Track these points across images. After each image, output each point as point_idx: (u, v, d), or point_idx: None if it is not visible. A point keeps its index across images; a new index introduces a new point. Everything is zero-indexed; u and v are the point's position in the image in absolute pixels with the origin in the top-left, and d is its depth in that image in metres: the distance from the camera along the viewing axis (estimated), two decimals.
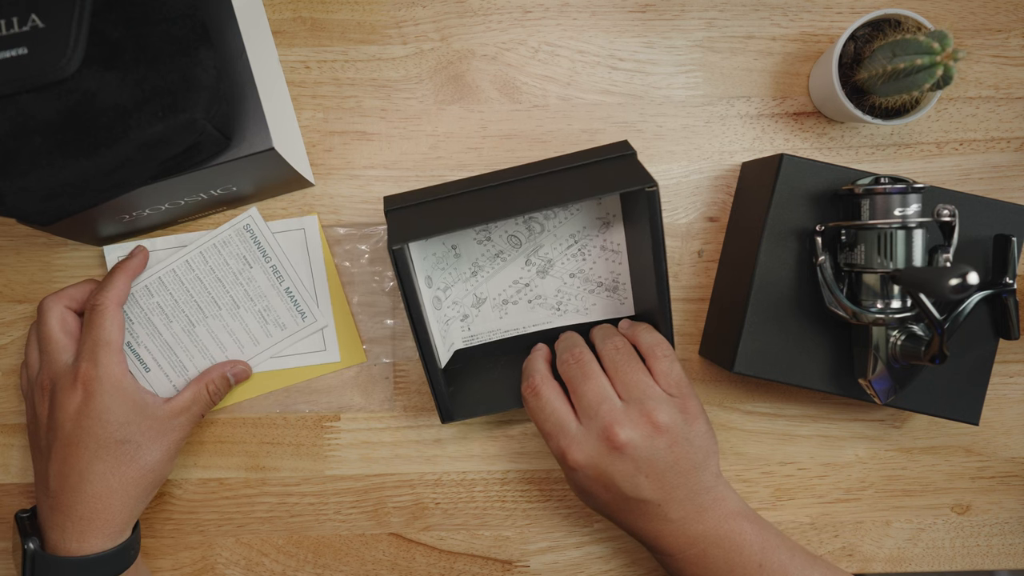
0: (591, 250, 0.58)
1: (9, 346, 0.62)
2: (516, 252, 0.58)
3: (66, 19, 0.45)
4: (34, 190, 0.46)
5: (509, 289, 0.58)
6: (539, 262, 0.58)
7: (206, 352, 0.61)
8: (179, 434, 0.57)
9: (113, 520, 0.53)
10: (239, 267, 0.60)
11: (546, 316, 0.60)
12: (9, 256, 0.62)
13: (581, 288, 0.59)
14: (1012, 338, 0.55)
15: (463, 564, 0.63)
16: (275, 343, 0.62)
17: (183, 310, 0.60)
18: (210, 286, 0.60)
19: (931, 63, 0.50)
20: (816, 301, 0.55)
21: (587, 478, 0.51)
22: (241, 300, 0.60)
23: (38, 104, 0.45)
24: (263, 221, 0.60)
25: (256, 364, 0.62)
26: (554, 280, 0.58)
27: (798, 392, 0.63)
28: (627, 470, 0.50)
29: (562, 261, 0.58)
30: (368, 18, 0.62)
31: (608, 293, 0.59)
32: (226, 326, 0.60)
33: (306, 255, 0.61)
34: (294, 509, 0.63)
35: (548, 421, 0.52)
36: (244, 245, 0.60)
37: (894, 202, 0.51)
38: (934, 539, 0.64)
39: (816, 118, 0.62)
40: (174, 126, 0.46)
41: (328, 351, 0.62)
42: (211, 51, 0.47)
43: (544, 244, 0.58)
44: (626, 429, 0.50)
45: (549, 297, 0.59)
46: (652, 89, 0.62)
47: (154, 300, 0.59)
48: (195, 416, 0.58)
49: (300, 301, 0.61)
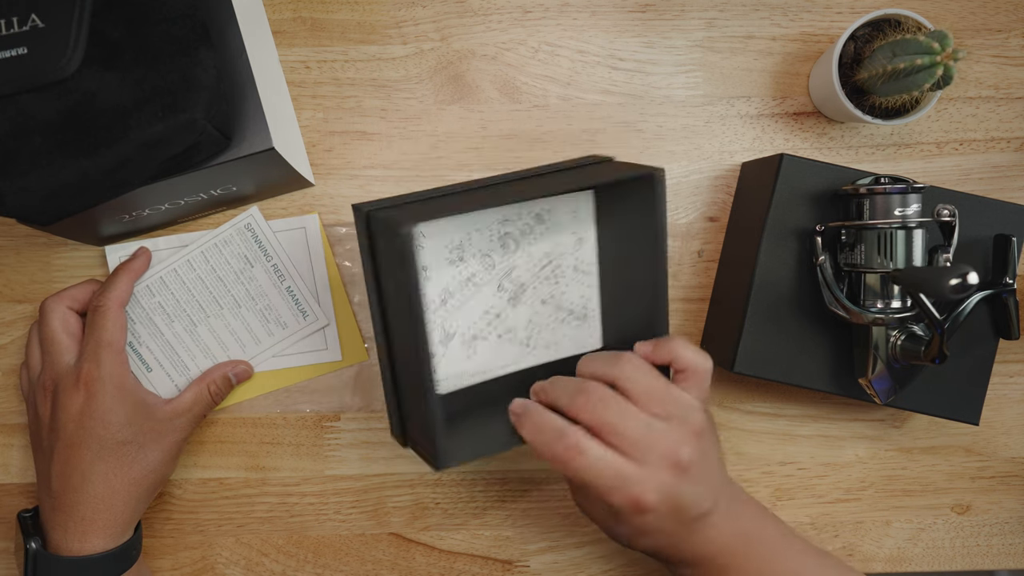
0: (564, 271, 0.54)
1: (9, 346, 0.62)
2: (489, 275, 0.53)
3: (66, 19, 0.45)
4: (34, 190, 0.46)
5: (479, 322, 0.53)
6: (511, 287, 0.53)
7: (208, 352, 0.60)
8: (180, 435, 0.57)
9: (115, 520, 0.53)
10: (240, 266, 0.60)
11: (515, 354, 0.54)
12: (9, 256, 0.62)
13: (551, 318, 0.55)
14: (1012, 338, 0.55)
15: (463, 564, 0.63)
16: (277, 342, 0.61)
17: (185, 310, 0.60)
18: (212, 285, 0.59)
19: (931, 63, 0.50)
20: (816, 301, 0.55)
21: (659, 516, 0.46)
22: (243, 299, 0.60)
23: (38, 104, 0.45)
24: (264, 220, 0.60)
25: (258, 363, 0.62)
26: (525, 309, 0.54)
27: (798, 392, 0.63)
28: (696, 490, 0.47)
29: (535, 285, 0.54)
30: (368, 18, 0.62)
31: (577, 322, 0.55)
32: (228, 325, 0.60)
33: (307, 254, 0.61)
34: (294, 509, 0.63)
35: (604, 475, 0.45)
36: (245, 244, 0.59)
37: (894, 202, 0.51)
38: (934, 539, 0.64)
39: (816, 118, 0.62)
40: (174, 126, 0.46)
41: (330, 350, 0.62)
42: (211, 51, 0.47)
43: (518, 265, 0.53)
44: (685, 448, 0.46)
45: (519, 329, 0.54)
46: (652, 89, 0.62)
47: (156, 300, 0.59)
48: (197, 416, 0.58)
49: (301, 300, 0.61)
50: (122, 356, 0.54)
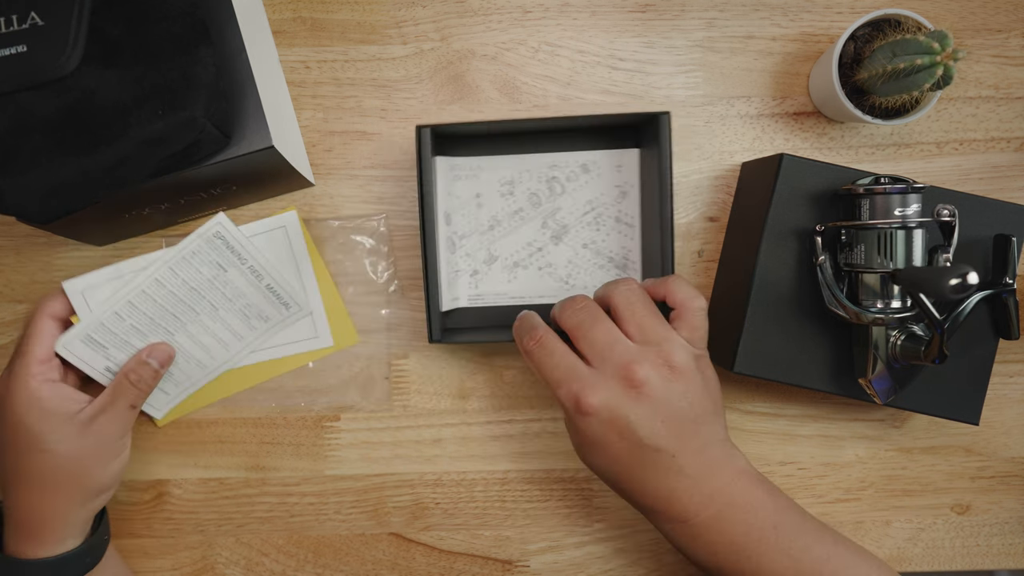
0: (606, 220, 0.60)
1: (9, 346, 0.62)
2: (535, 211, 0.59)
3: (65, 17, 0.45)
4: (34, 188, 0.46)
5: (522, 251, 0.60)
6: (555, 226, 0.60)
7: (190, 357, 0.60)
8: (110, 433, 0.54)
9: (46, 527, 0.52)
10: (213, 273, 0.58)
11: (554, 287, 0.61)
12: (9, 256, 0.62)
13: (591, 262, 0.60)
14: (1012, 338, 0.55)
15: (463, 564, 0.63)
16: (259, 335, 0.61)
17: (160, 324, 0.57)
18: (185, 296, 0.57)
19: (931, 63, 0.50)
20: (816, 301, 0.55)
21: (601, 423, 0.48)
22: (219, 302, 0.59)
23: (38, 102, 0.45)
24: (234, 226, 0.57)
25: (244, 358, 0.62)
26: (567, 248, 0.60)
27: (798, 392, 0.63)
28: (644, 413, 0.47)
29: (577, 228, 0.60)
30: (368, 18, 0.62)
31: (617, 271, 0.60)
32: (207, 328, 0.59)
33: (289, 250, 0.61)
34: (294, 509, 0.63)
35: (558, 368, 0.49)
36: (216, 252, 0.57)
37: (894, 202, 0.51)
38: (934, 539, 0.63)
39: (816, 118, 0.62)
40: (174, 124, 0.46)
41: (320, 337, 0.62)
42: (211, 49, 0.47)
43: (562, 207, 0.60)
44: (644, 367, 0.47)
45: (559, 267, 0.60)
46: (652, 89, 0.62)
47: (127, 323, 0.56)
48: (123, 410, 0.55)
49: (283, 294, 0.60)
50: (38, 365, 0.53)
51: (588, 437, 0.49)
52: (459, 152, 0.59)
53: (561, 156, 0.60)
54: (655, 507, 0.50)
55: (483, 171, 0.60)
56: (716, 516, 0.48)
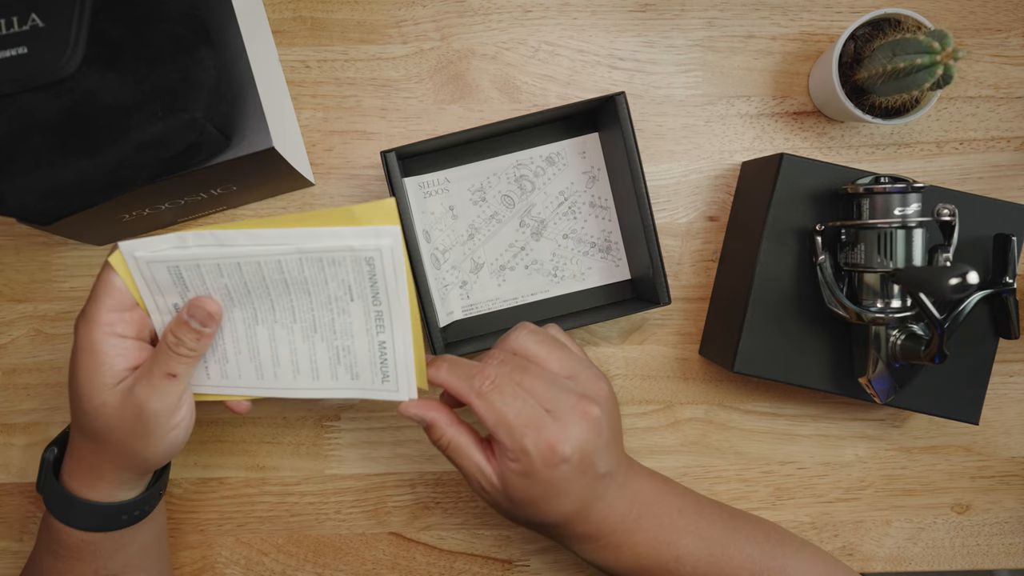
0: (581, 207, 0.61)
1: (9, 346, 0.62)
2: (510, 212, 0.60)
3: (66, 18, 0.45)
4: (34, 189, 0.46)
5: (505, 254, 0.61)
6: (532, 223, 0.60)
7: (256, 356, 0.50)
8: (149, 408, 0.47)
9: (96, 478, 0.49)
10: (338, 293, 0.48)
11: (544, 283, 0.61)
12: (9, 256, 0.62)
13: (575, 250, 0.61)
14: (1012, 338, 0.55)
15: (463, 563, 0.63)
16: (335, 389, 0.51)
17: (252, 301, 0.48)
18: (295, 294, 0.48)
19: (931, 62, 0.50)
20: (816, 301, 0.55)
21: (572, 468, 0.45)
22: (322, 326, 0.49)
23: (38, 103, 0.45)
24: (401, 259, 0.46)
25: (303, 394, 0.52)
26: (548, 242, 0.61)
27: (798, 392, 0.63)
28: (600, 444, 0.46)
29: (554, 221, 0.60)
30: (368, 18, 0.62)
31: (602, 255, 0.61)
32: (291, 341, 0.50)
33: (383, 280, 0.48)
34: (294, 508, 0.63)
35: (521, 414, 0.45)
36: (356, 274, 0.47)
37: (894, 201, 0.51)
38: (934, 539, 0.64)
39: (816, 118, 0.62)
40: (174, 125, 0.46)
41: (400, 391, 0.51)
42: (211, 51, 0.47)
43: (536, 203, 0.60)
44: (589, 399, 0.47)
45: (545, 262, 0.61)
46: (652, 88, 0.62)
47: (223, 280, 0.47)
48: (160, 379, 0.47)
49: (390, 362, 0.50)
50: (107, 314, 0.47)
51: (554, 486, 0.45)
52: (424, 170, 0.60)
53: (524, 153, 0.60)
54: (591, 532, 0.48)
55: (451, 183, 0.60)
56: (638, 516, 0.49)
